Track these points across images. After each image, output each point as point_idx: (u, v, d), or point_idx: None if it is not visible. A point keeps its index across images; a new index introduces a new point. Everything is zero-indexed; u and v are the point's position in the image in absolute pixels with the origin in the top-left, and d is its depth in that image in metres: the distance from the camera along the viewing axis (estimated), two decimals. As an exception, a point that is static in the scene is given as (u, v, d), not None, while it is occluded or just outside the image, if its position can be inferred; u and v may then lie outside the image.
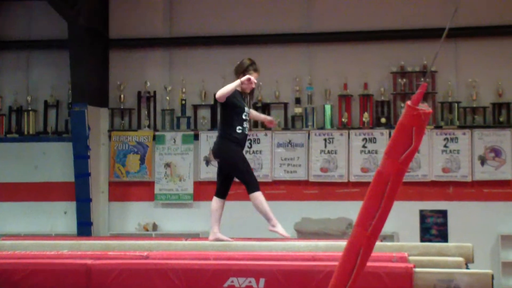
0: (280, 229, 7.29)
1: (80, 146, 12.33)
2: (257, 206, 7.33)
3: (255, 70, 7.39)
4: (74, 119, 12.42)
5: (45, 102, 13.20)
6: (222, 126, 7.34)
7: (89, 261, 6.25)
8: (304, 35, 12.70)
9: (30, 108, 13.21)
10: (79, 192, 12.38)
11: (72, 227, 12.49)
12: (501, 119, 12.04)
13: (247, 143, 12.33)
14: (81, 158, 12.34)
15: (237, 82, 7.22)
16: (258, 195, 7.29)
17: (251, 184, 7.29)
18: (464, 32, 12.07)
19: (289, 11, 12.72)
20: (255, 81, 7.37)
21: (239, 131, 7.25)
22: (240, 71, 7.34)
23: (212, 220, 7.42)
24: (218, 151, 7.39)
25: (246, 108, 7.32)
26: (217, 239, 7.24)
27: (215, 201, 7.51)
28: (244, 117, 7.27)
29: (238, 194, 9.03)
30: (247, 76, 7.24)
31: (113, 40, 13.10)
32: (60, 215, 12.89)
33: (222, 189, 7.51)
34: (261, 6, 12.91)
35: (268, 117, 8.21)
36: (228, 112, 7.26)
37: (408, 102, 4.17)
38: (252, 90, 7.50)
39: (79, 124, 12.30)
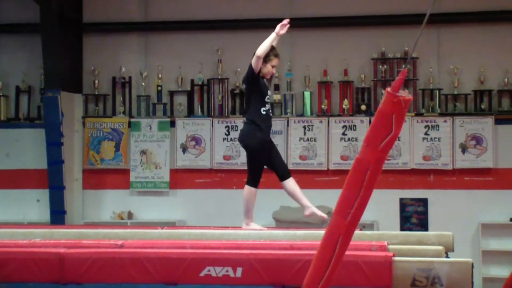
0: (254, 226, 7.26)
1: (53, 133, 12.12)
2: (245, 199, 7.42)
3: (276, 55, 7.39)
4: (47, 105, 12.19)
5: (17, 87, 12.95)
6: (249, 110, 7.40)
7: (62, 250, 6.17)
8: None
9: (1, 94, 12.93)
10: (52, 180, 12.18)
11: (45, 216, 12.29)
12: (482, 107, 11.96)
13: (226, 130, 12.30)
14: (54, 145, 12.14)
15: (273, 35, 7.18)
16: (252, 191, 7.37)
17: (253, 179, 7.38)
18: (446, 18, 12.01)
19: (269, -4, 12.57)
20: (286, 22, 7.24)
21: (264, 112, 7.29)
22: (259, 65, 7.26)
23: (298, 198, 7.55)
24: (242, 137, 7.44)
25: (269, 92, 7.40)
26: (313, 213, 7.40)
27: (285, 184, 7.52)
28: (266, 100, 7.34)
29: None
30: (286, 21, 7.19)
31: (87, 24, 12.88)
32: (33, 203, 12.69)
33: (277, 172, 7.50)
34: (240, -10, 12.75)
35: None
36: (254, 95, 7.30)
37: (388, 89, 4.13)
38: (272, 76, 7.50)
39: (52, 110, 12.09)
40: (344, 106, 12.19)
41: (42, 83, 12.58)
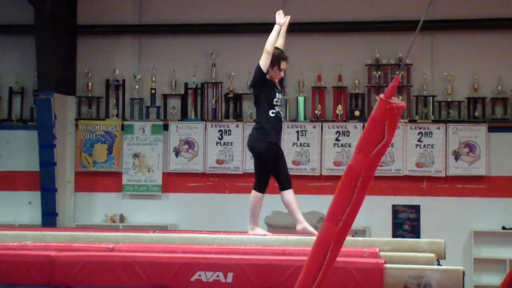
0: (259, 231, 7.20)
1: (45, 135, 12.09)
2: (251, 204, 7.28)
3: (284, 59, 7.28)
4: (39, 107, 12.17)
5: (10, 89, 12.92)
6: (257, 114, 7.29)
7: (53, 253, 6.13)
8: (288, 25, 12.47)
9: (-6, 95, 12.92)
10: (44, 182, 12.15)
11: (37, 218, 12.26)
12: (476, 114, 11.97)
13: (219, 134, 12.29)
14: (46, 147, 12.11)
15: (276, 27, 7.14)
16: (258, 196, 7.24)
17: (260, 184, 7.25)
18: (440, 25, 12.05)
19: (263, 1, 12.52)
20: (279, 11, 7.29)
21: (273, 115, 7.16)
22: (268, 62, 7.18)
23: (293, 211, 7.36)
24: (250, 142, 7.32)
25: (277, 94, 7.25)
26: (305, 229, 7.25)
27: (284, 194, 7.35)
28: (275, 102, 7.20)
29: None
30: (279, 11, 7.23)
31: (81, 27, 12.86)
32: (25, 205, 12.64)
33: (279, 180, 7.34)
34: (234, -6, 12.74)
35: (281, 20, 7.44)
36: (262, 98, 7.18)
37: (381, 96, 4.10)
38: (282, 79, 7.36)
39: (45, 112, 12.06)
40: (337, 112, 12.19)
41: (35, 85, 12.55)
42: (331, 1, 12.49)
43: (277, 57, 7.18)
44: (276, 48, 7.19)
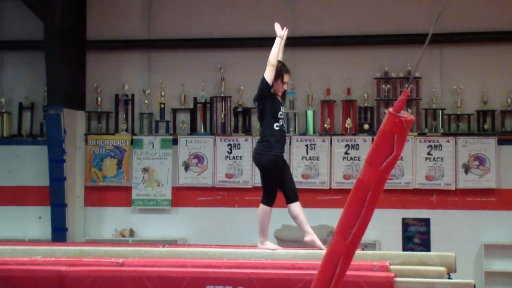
0: (269, 245, 7.17)
1: (55, 150, 12.13)
2: (259, 218, 7.28)
3: (287, 72, 7.34)
4: (49, 122, 12.21)
5: (20, 104, 12.96)
6: (262, 127, 7.32)
7: (62, 268, 6.15)
8: (287, 39, 12.47)
9: (4, 111, 12.95)
10: (54, 197, 12.17)
11: (47, 233, 12.26)
12: (485, 127, 11.94)
13: (228, 148, 12.30)
14: (56, 162, 12.14)
15: (277, 40, 7.21)
16: (266, 210, 7.24)
17: (268, 197, 7.25)
18: (449, 38, 12.04)
19: (272, 15, 12.52)
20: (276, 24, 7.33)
21: (277, 128, 7.20)
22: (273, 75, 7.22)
23: (300, 223, 7.39)
24: (255, 155, 7.34)
25: (282, 108, 7.30)
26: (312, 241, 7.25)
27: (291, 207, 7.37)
28: (279, 115, 7.24)
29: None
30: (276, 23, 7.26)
31: (90, 42, 12.92)
32: (35, 220, 12.65)
33: (285, 193, 7.35)
34: (243, 9, 12.79)
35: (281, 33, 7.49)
36: (267, 111, 7.21)
37: (390, 109, 4.08)
38: (284, 93, 7.39)
39: (55, 127, 12.10)
40: (346, 125, 12.18)
41: (45, 100, 12.57)
42: (339, 15, 12.50)
43: (280, 70, 7.23)
44: (278, 61, 7.23)
